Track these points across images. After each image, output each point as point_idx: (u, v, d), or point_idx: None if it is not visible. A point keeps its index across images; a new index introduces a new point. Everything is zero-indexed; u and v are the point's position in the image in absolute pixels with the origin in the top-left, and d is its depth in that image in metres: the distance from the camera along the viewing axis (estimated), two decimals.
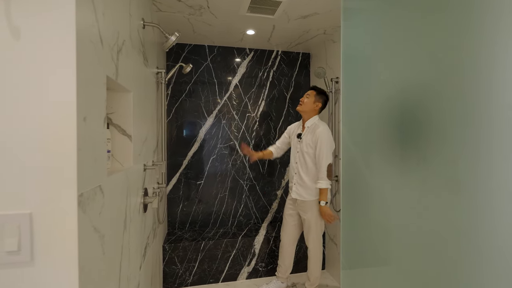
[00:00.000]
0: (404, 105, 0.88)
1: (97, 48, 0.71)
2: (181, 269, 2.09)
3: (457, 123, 0.64)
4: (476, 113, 0.58)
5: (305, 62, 2.68)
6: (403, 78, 0.86)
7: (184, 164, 2.44)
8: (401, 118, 0.88)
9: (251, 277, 2.22)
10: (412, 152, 0.82)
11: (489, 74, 0.54)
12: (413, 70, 0.82)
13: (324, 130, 1.80)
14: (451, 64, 0.66)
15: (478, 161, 0.57)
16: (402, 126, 0.88)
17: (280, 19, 1.93)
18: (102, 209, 0.74)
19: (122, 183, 1.00)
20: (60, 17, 0.56)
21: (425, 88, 0.75)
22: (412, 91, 0.82)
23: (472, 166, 0.59)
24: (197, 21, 1.96)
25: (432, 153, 0.73)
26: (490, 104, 0.55)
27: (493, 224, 0.52)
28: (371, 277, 1.07)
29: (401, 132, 0.88)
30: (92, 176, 0.67)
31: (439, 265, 0.69)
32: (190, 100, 2.45)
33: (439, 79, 0.70)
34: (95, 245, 0.69)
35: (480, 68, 0.57)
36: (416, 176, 0.79)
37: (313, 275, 1.89)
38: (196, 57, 2.44)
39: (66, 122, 0.57)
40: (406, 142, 0.85)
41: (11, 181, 0.54)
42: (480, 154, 0.57)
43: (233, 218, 2.56)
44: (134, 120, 1.19)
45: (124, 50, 1.02)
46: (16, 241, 0.55)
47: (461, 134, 0.62)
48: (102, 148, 0.74)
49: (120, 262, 0.96)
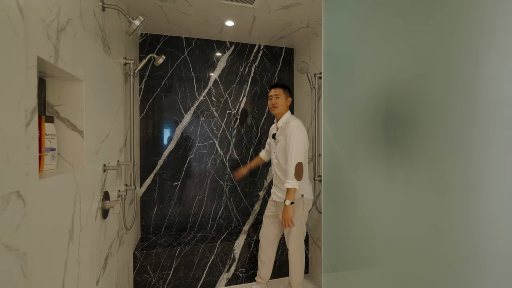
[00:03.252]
0: (388, 102, 0.83)
1: (12, 19, 0.56)
2: (154, 277, 1.94)
3: (441, 121, 0.61)
4: (459, 111, 0.56)
5: (289, 57, 2.57)
6: (388, 74, 0.84)
7: (159, 164, 2.28)
8: (386, 115, 0.85)
9: (231, 283, 2.09)
10: (396, 150, 0.78)
11: (474, 71, 0.52)
12: (398, 66, 0.78)
13: (295, 127, 1.69)
14: (436, 60, 0.63)
15: (462, 161, 0.55)
16: (386, 123, 0.84)
17: (260, 9, 1.81)
18: (23, 220, 0.59)
19: (67, 186, 0.85)
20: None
21: (410, 84, 0.72)
22: (396, 87, 0.78)
23: (457, 166, 0.57)
24: (171, 9, 1.81)
25: (417, 151, 0.70)
26: (474, 102, 0.53)
27: (475, 225, 0.51)
28: (354, 280, 1.04)
29: (386, 129, 0.85)
30: (0, 180, 0.52)
31: (423, 266, 0.67)
32: (166, 95, 2.29)
33: (423, 75, 0.66)
34: (8, 268, 0.54)
35: (465, 65, 0.55)
36: (401, 175, 0.75)
37: (295, 281, 1.79)
38: (172, 49, 2.28)
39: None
40: (391, 140, 0.82)
41: None
42: (463, 153, 0.55)
43: (213, 221, 2.42)
44: (87, 113, 1.03)
45: (69, 31, 0.87)
46: None
47: (446, 133, 0.60)
48: (20, 145, 0.59)
49: (63, 280, 0.81)
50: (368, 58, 0.94)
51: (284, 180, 1.71)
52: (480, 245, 0.50)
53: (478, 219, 0.50)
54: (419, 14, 0.69)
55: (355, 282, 1.03)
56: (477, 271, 0.50)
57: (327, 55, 1.14)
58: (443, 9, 0.60)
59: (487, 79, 0.51)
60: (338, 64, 1.12)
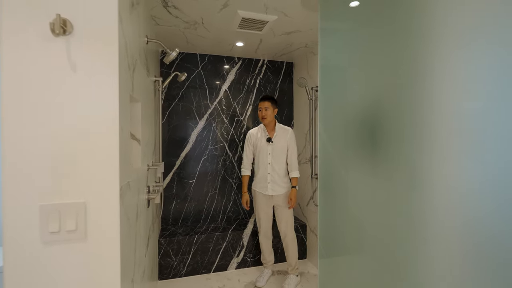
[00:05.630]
0: (371, 111, 1.00)
1: (127, 73, 0.90)
2: (176, 261, 2.27)
3: (409, 129, 0.77)
4: (419, 120, 0.72)
5: (289, 70, 2.92)
6: (370, 88, 1.01)
7: (177, 164, 2.61)
8: (370, 123, 1.01)
9: (240, 267, 2.44)
10: (378, 152, 0.94)
11: (431, 89, 0.68)
12: (378, 82, 0.96)
13: (293, 133, 2.21)
14: (406, 78, 0.78)
15: (426, 162, 0.69)
16: (370, 129, 1.01)
17: (267, 35, 2.16)
18: (129, 200, 0.93)
19: (135, 181, 1.18)
20: (106, 57, 0.75)
21: (387, 97, 0.89)
22: (377, 99, 0.96)
23: (422, 166, 0.70)
24: (191, 34, 2.15)
25: (392, 154, 0.85)
26: (433, 114, 0.67)
27: (443, 217, 0.65)
28: (346, 264, 1.20)
29: (370, 135, 1.02)
30: (125, 175, 0.85)
31: (402, 253, 0.79)
32: (182, 104, 2.62)
33: (396, 90, 0.84)
34: (126, 228, 0.88)
35: (425, 83, 0.69)
36: (383, 174, 0.90)
37: (294, 260, 2.16)
38: (188, 64, 2.62)
39: (112, 135, 0.76)
40: (374, 144, 0.98)
41: (72, 179, 0.73)
42: (427, 156, 0.69)
43: (223, 214, 2.76)
44: (141, 126, 1.36)
45: (136, 68, 1.20)
46: (74, 222, 0.73)
47: (413, 138, 0.75)
48: (129, 152, 0.92)
49: (134, 247, 1.14)
50: (356, 74, 1.12)
51: (282, 174, 2.13)
52: (435, 227, 0.65)
53: (437, 207, 0.67)
54: (394, 41, 0.83)
55: (346, 266, 1.19)
56: (438, 246, 0.67)
57: (322, 72, 1.37)
58: (413, 38, 0.75)
59: (443, 96, 0.65)
60: (331, 80, 1.32)
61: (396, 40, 0.84)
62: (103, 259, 0.76)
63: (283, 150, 2.14)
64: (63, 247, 0.73)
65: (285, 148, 2.15)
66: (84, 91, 0.73)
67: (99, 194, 0.75)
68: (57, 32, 0.67)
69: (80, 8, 0.72)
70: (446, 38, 0.68)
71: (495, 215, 0.58)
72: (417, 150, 0.74)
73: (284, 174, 2.15)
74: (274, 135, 2.16)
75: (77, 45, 0.72)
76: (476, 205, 0.62)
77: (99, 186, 0.75)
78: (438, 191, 0.68)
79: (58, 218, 0.72)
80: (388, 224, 0.87)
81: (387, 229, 0.87)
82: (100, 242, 0.76)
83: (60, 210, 0.72)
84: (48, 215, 0.71)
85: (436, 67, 0.70)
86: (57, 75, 0.71)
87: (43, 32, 0.69)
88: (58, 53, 0.71)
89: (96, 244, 0.75)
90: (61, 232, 0.72)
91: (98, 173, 0.75)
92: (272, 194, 2.14)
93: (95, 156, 0.74)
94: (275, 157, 2.13)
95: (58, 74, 0.71)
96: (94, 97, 0.74)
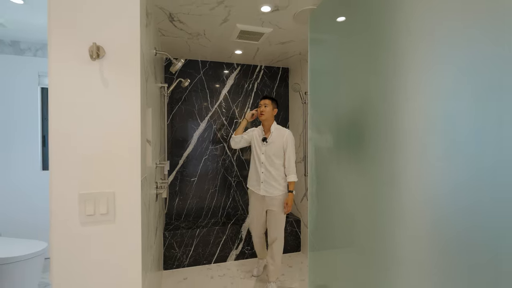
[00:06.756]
0: (354, 113, 1.09)
1: (144, 84, 1.09)
2: (179, 252, 2.46)
3: (383, 133, 0.86)
4: (395, 122, 0.80)
5: (285, 75, 3.12)
6: (353, 93, 1.12)
7: (180, 163, 2.79)
8: (353, 123, 1.11)
9: (239, 258, 2.63)
10: (361, 152, 1.03)
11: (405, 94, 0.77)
12: (360, 87, 1.05)
13: (290, 134, 2.09)
14: (384, 84, 0.87)
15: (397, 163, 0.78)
16: (354, 130, 1.10)
17: (263, 44, 2.35)
18: (146, 192, 1.11)
19: (149, 176, 1.37)
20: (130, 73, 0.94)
21: (368, 101, 0.99)
22: (359, 103, 1.06)
23: (394, 166, 0.78)
24: (194, 43, 2.33)
25: (371, 154, 0.93)
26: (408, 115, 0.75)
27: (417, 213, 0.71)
28: (334, 257, 1.27)
29: (353, 135, 1.11)
30: (143, 171, 1.04)
31: (381, 245, 0.84)
32: (185, 107, 2.81)
33: (376, 95, 0.93)
34: (144, 214, 1.07)
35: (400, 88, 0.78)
36: (364, 172, 1.00)
37: (278, 267, 2.11)
38: (190, 70, 2.80)
39: (134, 137, 0.94)
40: (358, 144, 1.07)
41: (104, 173, 0.91)
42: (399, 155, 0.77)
43: (223, 210, 2.94)
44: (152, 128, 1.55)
45: (148, 78, 1.39)
46: (106, 207, 0.92)
47: (384, 141, 0.85)
48: (145, 152, 1.11)
49: (147, 232, 1.33)
50: (342, 80, 1.22)
51: (276, 175, 2.06)
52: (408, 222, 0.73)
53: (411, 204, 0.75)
54: (373, 54, 0.91)
55: (334, 258, 1.25)
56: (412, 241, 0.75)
57: (312, 77, 1.51)
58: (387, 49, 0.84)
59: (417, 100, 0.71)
60: (320, 85, 1.45)
61: (377, 50, 0.93)
62: (128, 236, 0.94)
63: (278, 151, 2.06)
64: (97, 227, 0.91)
65: (281, 150, 2.06)
66: (113, 102, 0.92)
67: (125, 185, 0.94)
68: (94, 57, 0.86)
69: (111, 36, 0.91)
70: (419, 49, 0.76)
71: (464, 213, 0.61)
72: (392, 150, 0.80)
73: (279, 176, 2.06)
74: (269, 136, 2.10)
75: (108, 66, 0.91)
76: (446, 204, 0.65)
77: (124, 179, 0.94)
78: (413, 190, 0.72)
79: (93, 203, 0.90)
80: (370, 219, 0.92)
81: (369, 223, 0.93)
82: (126, 222, 0.94)
83: (94, 197, 0.90)
84: (85, 201, 0.90)
85: (410, 75, 0.78)
86: (94, 91, 0.90)
87: (82, 56, 0.88)
88: (94, 74, 0.89)
89: (123, 224, 0.94)
90: (96, 215, 0.91)
91: (123, 168, 0.93)
92: (265, 194, 2.08)
93: (121, 155, 0.93)
94: (268, 157, 2.07)
95: (95, 90, 0.90)
96: (121, 107, 0.93)
